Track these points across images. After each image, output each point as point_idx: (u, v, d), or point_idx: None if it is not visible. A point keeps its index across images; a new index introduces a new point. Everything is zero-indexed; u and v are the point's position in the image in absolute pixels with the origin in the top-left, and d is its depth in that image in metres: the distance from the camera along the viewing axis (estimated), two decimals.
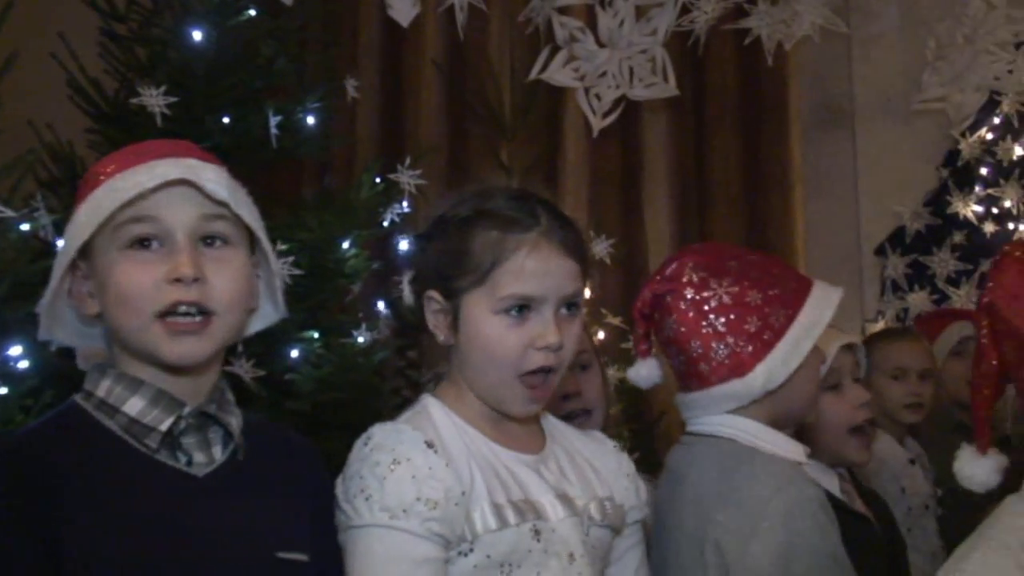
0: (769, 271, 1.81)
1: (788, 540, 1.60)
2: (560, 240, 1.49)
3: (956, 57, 3.96)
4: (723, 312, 1.75)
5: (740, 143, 4.43)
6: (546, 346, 1.46)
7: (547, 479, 1.49)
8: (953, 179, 4.57)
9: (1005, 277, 1.26)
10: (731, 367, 1.74)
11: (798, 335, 1.74)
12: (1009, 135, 4.52)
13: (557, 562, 1.44)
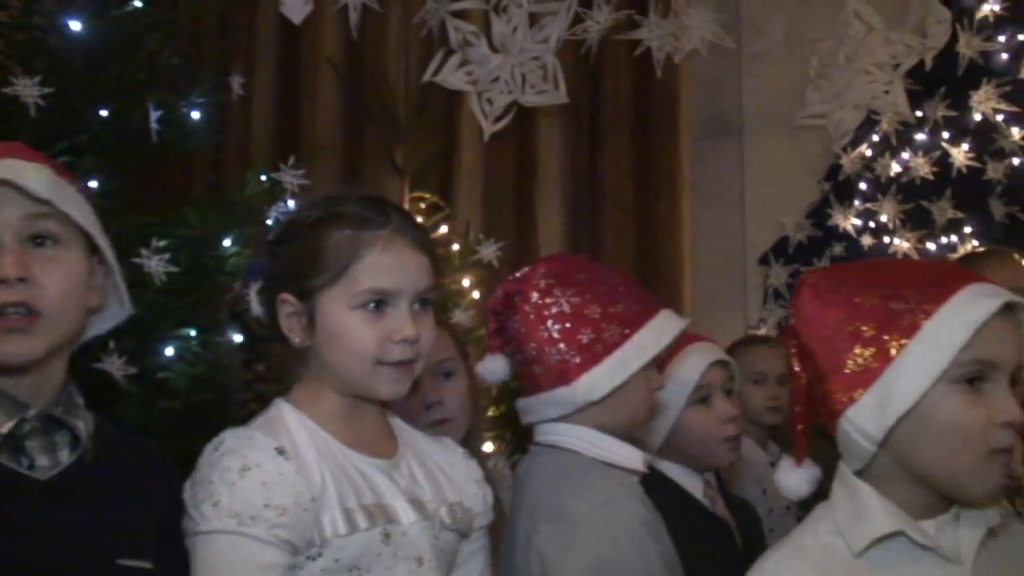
0: (616, 289, 1.86)
1: (603, 555, 1.65)
2: (412, 237, 1.52)
3: (837, 76, 4.11)
4: (561, 320, 1.79)
5: (632, 150, 4.53)
6: (403, 339, 1.49)
7: (399, 483, 1.52)
8: (834, 193, 4.75)
9: (801, 302, 1.34)
10: (559, 373, 1.79)
11: (628, 354, 1.79)
12: (887, 152, 4.71)
13: (405, 566, 1.47)
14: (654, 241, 4.51)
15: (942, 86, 4.68)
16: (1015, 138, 4.63)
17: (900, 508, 1.27)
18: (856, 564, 1.26)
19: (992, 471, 1.23)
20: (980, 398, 1.22)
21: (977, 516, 1.28)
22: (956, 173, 4.65)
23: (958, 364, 1.22)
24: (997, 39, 4.68)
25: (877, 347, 1.26)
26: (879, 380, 1.25)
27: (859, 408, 1.26)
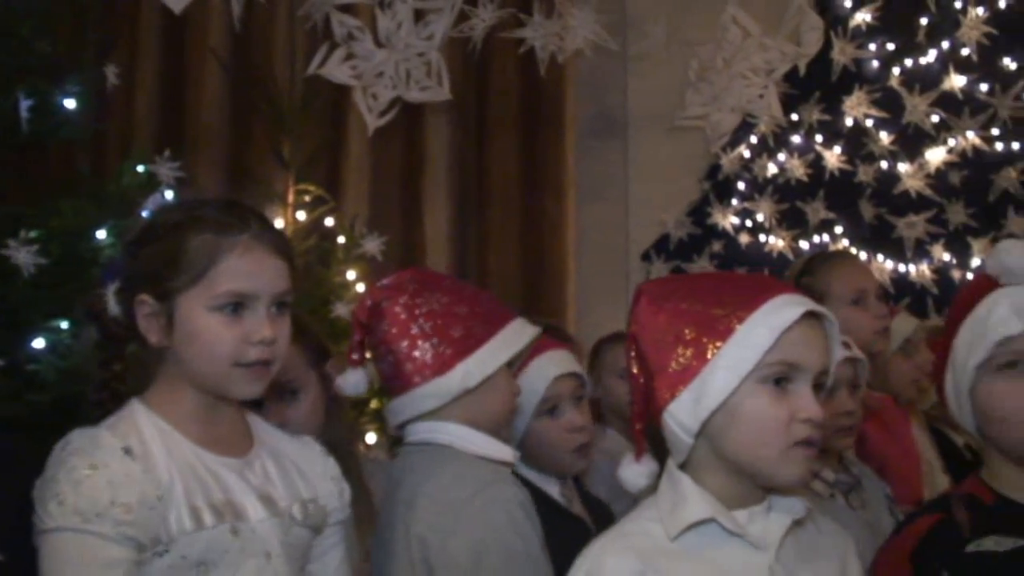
0: (477, 296, 1.99)
1: (483, 537, 1.72)
2: (270, 242, 1.57)
3: (716, 79, 4.24)
4: (432, 318, 1.87)
5: (518, 147, 4.60)
6: (261, 340, 1.53)
7: (250, 481, 1.56)
8: (714, 192, 4.90)
9: (638, 308, 1.43)
10: (433, 366, 1.86)
11: (496, 346, 1.90)
12: (765, 153, 4.88)
13: (254, 561, 1.51)
14: (539, 237, 4.59)
15: (817, 91, 4.88)
16: (884, 143, 4.86)
17: (715, 497, 1.37)
18: (671, 548, 1.35)
19: (794, 461, 1.32)
20: (784, 396, 1.32)
21: (786, 508, 1.38)
22: (829, 175, 4.86)
23: (765, 365, 1.32)
24: (869, 47, 4.90)
25: (696, 348, 1.36)
26: (697, 378, 1.35)
27: (679, 403, 1.36)
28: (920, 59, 4.87)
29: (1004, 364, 1.42)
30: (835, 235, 4.86)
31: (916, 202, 4.82)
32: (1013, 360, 1.42)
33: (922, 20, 4.87)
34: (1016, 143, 4.82)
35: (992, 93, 4.84)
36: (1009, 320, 1.41)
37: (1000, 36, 4.83)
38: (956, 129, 4.83)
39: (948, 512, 1.48)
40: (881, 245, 4.84)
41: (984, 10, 4.84)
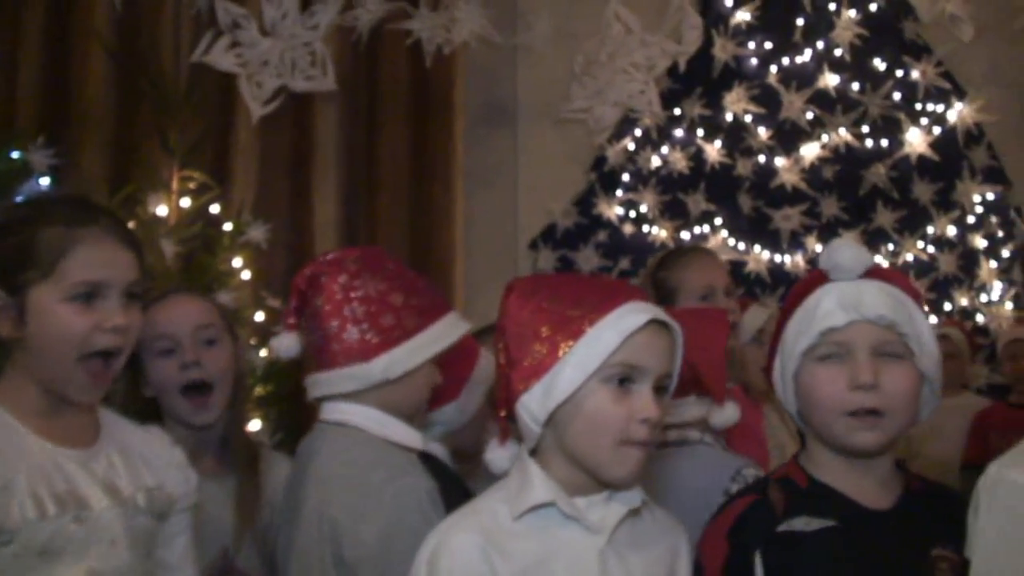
0: (416, 284, 2.01)
1: (393, 524, 1.78)
2: (119, 234, 1.63)
3: (599, 73, 4.35)
4: (366, 303, 1.91)
5: (408, 135, 4.65)
6: (114, 327, 1.59)
7: (95, 471, 1.62)
8: (599, 183, 5.04)
9: (506, 303, 1.53)
10: (358, 351, 1.90)
11: (424, 341, 1.94)
12: (648, 146, 5.04)
13: (97, 548, 1.58)
14: (428, 225, 4.65)
15: (699, 87, 5.05)
16: (762, 138, 5.05)
17: (559, 484, 1.47)
18: (514, 527, 1.46)
19: (627, 458, 1.44)
20: (625, 396, 1.43)
21: (624, 498, 1.50)
22: (709, 168, 5.04)
23: (609, 365, 1.43)
24: (748, 45, 5.08)
25: (550, 346, 1.46)
26: (548, 373, 1.45)
27: (531, 395, 1.46)
28: (796, 58, 5.08)
29: (825, 354, 1.54)
30: (715, 226, 5.04)
31: (791, 195, 5.03)
32: (833, 351, 1.53)
33: (798, 21, 5.08)
34: (885, 140, 5.06)
35: (863, 92, 5.07)
36: (834, 313, 1.52)
37: (871, 37, 5.07)
38: (829, 126, 5.05)
39: (765, 493, 1.59)
40: (758, 236, 5.04)
41: (856, 12, 5.07)
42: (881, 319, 1.49)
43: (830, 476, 1.55)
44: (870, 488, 1.53)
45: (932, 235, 5.03)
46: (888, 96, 5.07)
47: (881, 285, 1.53)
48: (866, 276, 1.54)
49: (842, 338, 1.52)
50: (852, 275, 1.54)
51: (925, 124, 5.06)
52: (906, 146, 5.04)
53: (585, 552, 1.44)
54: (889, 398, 1.48)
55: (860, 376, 1.48)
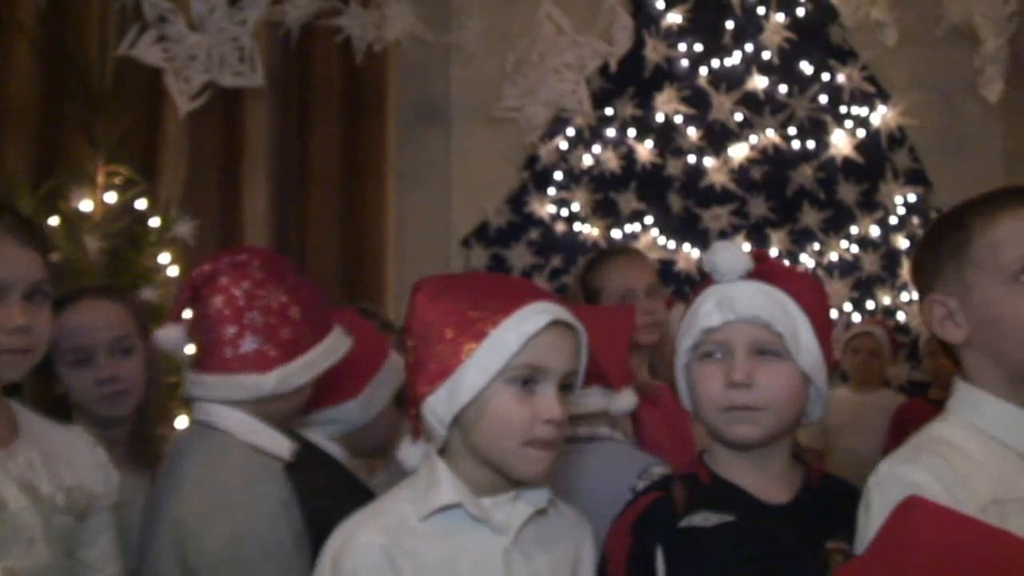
0: (313, 299, 2.00)
1: (241, 530, 1.76)
2: (20, 233, 1.62)
3: (530, 73, 4.38)
4: (267, 313, 1.90)
5: (340, 133, 4.65)
6: (15, 328, 1.58)
7: (11, 471, 1.61)
8: (532, 181, 5.08)
9: (413, 303, 1.54)
10: (254, 362, 1.88)
11: (315, 357, 1.94)
12: (581, 145, 5.09)
13: (16, 547, 1.57)
14: (359, 222, 4.65)
15: (631, 87, 5.11)
16: (692, 138, 5.13)
17: (467, 484, 1.49)
18: (420, 527, 1.47)
19: (530, 459, 1.46)
20: (530, 397, 1.45)
21: (531, 497, 1.52)
22: (640, 168, 5.11)
23: (512, 367, 1.44)
24: (679, 47, 5.15)
25: (454, 348, 1.47)
26: (452, 375, 1.46)
27: (436, 397, 1.47)
28: (726, 60, 5.16)
29: (706, 352, 1.59)
30: (645, 225, 5.11)
31: (720, 195, 5.12)
32: (713, 349, 1.58)
33: (728, 24, 5.16)
34: (811, 142, 5.17)
35: (791, 94, 5.18)
36: (712, 313, 1.56)
37: (798, 41, 5.17)
38: (757, 127, 5.14)
39: (668, 490, 1.61)
40: (688, 235, 5.12)
41: (784, 17, 5.17)
42: (756, 319, 1.53)
43: (730, 472, 1.59)
44: (769, 483, 1.57)
45: (856, 235, 5.15)
46: (815, 99, 5.18)
47: (759, 286, 1.56)
48: (750, 277, 1.58)
49: (721, 337, 1.56)
50: (732, 276, 1.58)
51: (850, 127, 5.18)
52: (831, 148, 5.16)
53: (490, 552, 1.46)
54: (764, 395, 1.52)
55: (734, 374, 1.52)
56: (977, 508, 1.27)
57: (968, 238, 1.42)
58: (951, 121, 5.28)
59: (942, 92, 5.22)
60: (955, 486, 1.29)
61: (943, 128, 5.26)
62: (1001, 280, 1.37)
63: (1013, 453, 1.33)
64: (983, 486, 1.29)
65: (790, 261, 5.10)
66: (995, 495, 1.28)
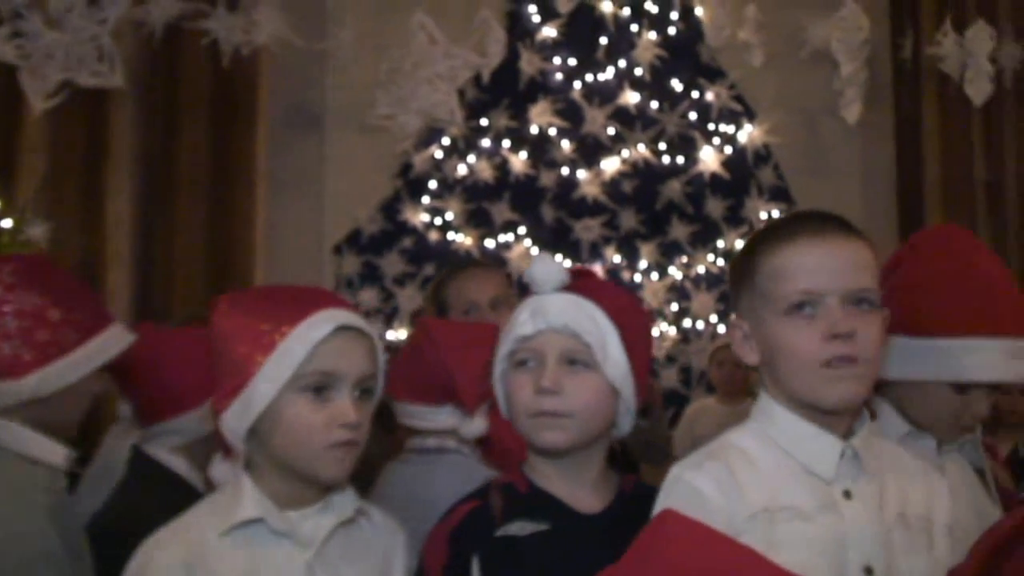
0: (79, 298, 1.97)
1: (4, 536, 1.73)
2: None
3: (403, 82, 4.39)
4: (20, 317, 1.86)
5: (209, 136, 4.58)
6: None
7: None
8: (406, 189, 5.08)
9: (214, 318, 1.55)
10: (8, 367, 1.85)
11: (81, 357, 1.90)
12: (455, 155, 5.11)
13: None
14: (228, 229, 4.59)
15: (505, 98, 5.16)
16: (565, 151, 5.20)
17: (272, 497, 1.49)
18: (220, 543, 1.47)
19: (331, 461, 1.48)
20: (324, 403, 1.48)
21: (337, 508, 1.54)
22: (514, 179, 5.15)
23: (302, 375, 1.47)
24: (553, 60, 5.22)
25: (247, 361, 1.49)
26: (244, 390, 1.48)
27: (231, 412, 1.49)
28: (599, 75, 5.25)
29: (520, 360, 1.62)
30: (519, 235, 5.16)
31: (592, 207, 5.19)
32: (525, 358, 1.61)
33: (602, 39, 5.25)
34: (680, 157, 5.29)
35: (661, 110, 5.29)
36: (527, 323, 1.60)
37: (669, 59, 5.28)
38: (629, 141, 5.24)
39: (486, 499, 1.63)
40: (560, 246, 5.18)
41: (656, 35, 5.28)
42: (566, 328, 1.57)
43: (546, 481, 1.62)
44: (582, 492, 1.61)
45: (723, 249, 5.29)
46: (684, 115, 5.31)
47: (572, 297, 1.61)
48: (567, 290, 1.63)
49: (534, 346, 1.60)
50: (547, 288, 1.62)
51: (718, 143, 5.32)
52: (700, 164, 5.29)
53: (292, 567, 1.47)
54: (571, 402, 1.56)
55: (542, 381, 1.56)
56: (748, 515, 1.33)
57: (755, 267, 1.46)
58: (813, 140, 5.47)
59: (805, 112, 5.41)
60: (733, 493, 1.35)
61: (806, 147, 5.45)
62: (778, 312, 1.41)
63: (797, 464, 1.39)
64: (759, 494, 1.35)
65: (659, 273, 5.22)
66: (768, 504, 1.34)
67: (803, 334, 1.37)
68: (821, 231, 1.40)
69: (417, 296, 4.89)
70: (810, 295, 1.38)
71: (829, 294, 1.37)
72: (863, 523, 1.35)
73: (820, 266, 1.38)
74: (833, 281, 1.37)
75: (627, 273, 5.21)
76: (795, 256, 1.40)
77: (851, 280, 1.38)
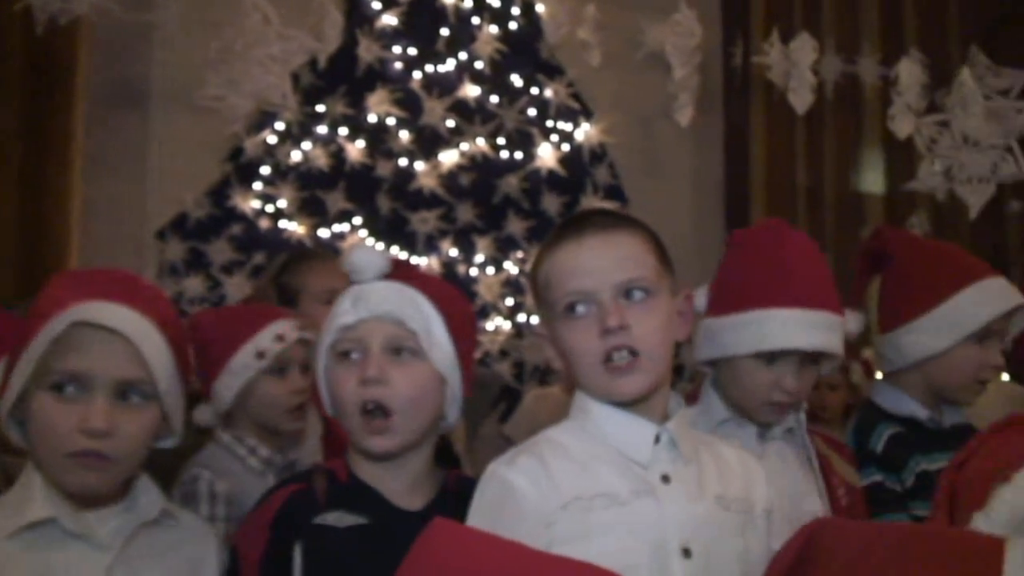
0: None
1: None
2: None
3: (234, 62, 4.22)
4: None
5: (21, 110, 4.31)
6: None
7: None
8: (236, 174, 4.90)
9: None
10: None
11: None
12: (289, 140, 4.97)
13: None
14: (41, 209, 4.32)
15: (343, 85, 5.05)
16: (403, 141, 5.13)
17: (64, 496, 1.39)
18: (7, 546, 1.35)
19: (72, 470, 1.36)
20: (71, 404, 1.36)
21: (140, 509, 1.44)
22: (350, 168, 5.05)
23: (45, 373, 1.37)
24: (393, 49, 5.14)
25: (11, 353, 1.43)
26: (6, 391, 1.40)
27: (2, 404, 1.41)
28: (439, 66, 5.21)
29: (343, 350, 1.54)
30: (354, 226, 5.06)
31: (429, 199, 5.14)
32: (348, 348, 1.54)
33: (443, 30, 5.21)
34: (519, 152, 5.31)
35: (501, 105, 5.29)
36: (348, 312, 1.54)
37: (510, 54, 5.30)
38: (468, 135, 5.22)
39: (310, 483, 1.56)
40: (396, 237, 5.11)
41: (497, 29, 5.28)
42: (389, 315, 1.53)
43: (367, 474, 1.57)
44: (403, 489, 1.56)
45: None
46: (523, 111, 5.32)
47: (394, 284, 1.56)
48: (388, 278, 1.58)
49: (357, 335, 1.54)
50: (368, 276, 1.57)
51: (555, 140, 5.36)
52: (537, 160, 5.32)
53: (90, 570, 1.37)
54: (396, 394, 1.51)
55: (367, 371, 1.50)
56: (561, 504, 1.33)
57: (535, 278, 1.47)
58: (647, 142, 5.59)
59: (640, 114, 5.52)
60: (545, 484, 1.34)
61: (640, 148, 5.56)
62: (558, 317, 1.42)
63: (613, 451, 1.39)
64: (573, 484, 1.35)
65: (494, 268, 5.21)
66: (582, 492, 1.34)
67: (581, 334, 1.39)
68: (579, 234, 1.41)
69: (246, 285, 4.71)
70: (580, 295, 1.39)
71: (597, 291, 1.38)
72: (681, 506, 1.35)
73: (582, 267, 1.39)
74: (598, 279, 1.38)
75: (463, 267, 5.18)
76: (559, 262, 1.41)
77: (616, 274, 1.38)
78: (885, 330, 2.14)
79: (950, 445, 2.02)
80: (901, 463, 1.99)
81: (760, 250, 1.83)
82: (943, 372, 2.06)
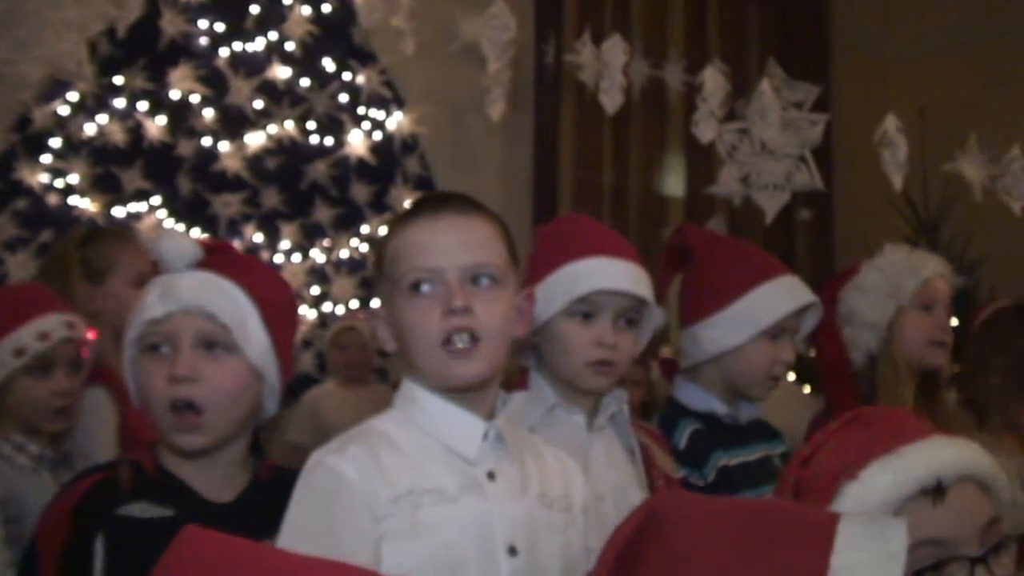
0: None
1: None
2: None
3: (25, 23, 3.93)
4: None
5: None
6: None
7: None
8: (23, 146, 4.58)
9: None
10: None
11: None
12: (83, 113, 4.68)
13: None
14: None
15: (143, 58, 4.81)
16: (207, 120, 4.93)
17: None
18: None
19: None
20: None
21: None
22: (148, 145, 4.81)
23: None
24: (198, 23, 4.93)
25: None
26: None
27: None
28: (247, 45, 5.04)
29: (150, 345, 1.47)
30: (152, 206, 4.82)
31: (232, 182, 4.96)
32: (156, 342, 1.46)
33: (252, 8, 5.04)
34: (329, 138, 5.20)
35: (311, 89, 5.17)
36: (155, 304, 1.46)
37: (321, 36, 5.18)
38: (276, 117, 5.07)
39: (113, 472, 1.49)
40: (196, 220, 4.91)
41: (309, 10, 5.15)
42: (200, 309, 1.46)
43: (175, 466, 1.50)
44: (213, 481, 1.50)
45: (366, 234, 5.26)
46: (334, 96, 5.22)
47: (206, 275, 1.50)
48: (200, 267, 1.51)
49: (165, 329, 1.47)
50: (178, 265, 1.50)
51: (366, 128, 5.29)
52: (347, 147, 5.23)
53: None
54: (208, 392, 1.45)
55: (176, 369, 1.44)
56: (391, 498, 1.30)
57: (381, 253, 1.43)
58: (459, 134, 5.60)
59: (452, 105, 5.51)
60: (375, 477, 1.30)
61: (451, 140, 5.56)
62: (402, 292, 1.37)
63: (441, 446, 1.37)
64: (403, 478, 1.32)
65: (300, 255, 5.09)
66: (412, 487, 1.31)
67: (423, 312, 1.35)
68: (437, 211, 1.39)
69: (30, 263, 4.41)
70: (427, 272, 1.36)
71: (446, 270, 1.35)
72: (507, 503, 1.35)
73: (435, 244, 1.36)
74: (449, 258, 1.35)
75: (267, 253, 5.03)
76: (412, 236, 1.38)
77: (467, 255, 1.36)
78: (685, 325, 2.21)
79: (747, 440, 2.13)
80: (703, 458, 2.05)
81: (566, 226, 1.91)
82: (738, 367, 2.13)
